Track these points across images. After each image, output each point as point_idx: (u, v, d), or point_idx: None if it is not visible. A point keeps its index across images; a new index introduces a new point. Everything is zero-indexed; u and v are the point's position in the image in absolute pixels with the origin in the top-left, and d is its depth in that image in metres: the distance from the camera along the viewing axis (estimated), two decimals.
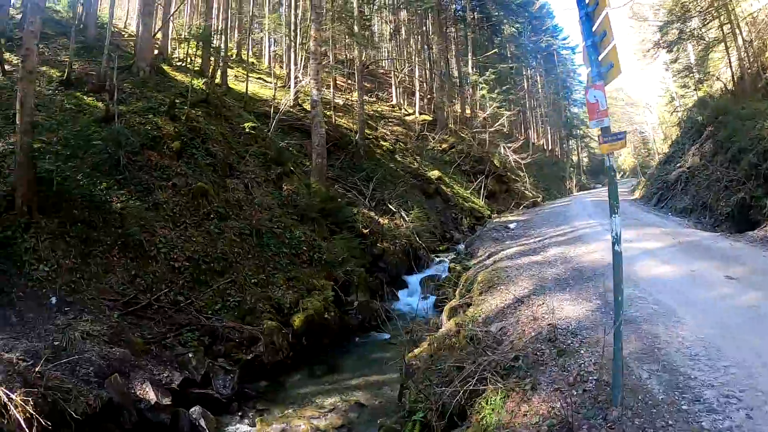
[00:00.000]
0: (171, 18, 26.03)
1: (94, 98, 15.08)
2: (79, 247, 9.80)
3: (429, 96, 43.38)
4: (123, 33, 27.43)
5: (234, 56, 33.56)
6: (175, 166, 13.16)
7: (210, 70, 21.39)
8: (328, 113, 26.95)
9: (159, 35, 23.12)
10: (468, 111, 46.27)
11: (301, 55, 29.61)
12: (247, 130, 17.73)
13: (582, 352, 5.98)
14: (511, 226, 18.25)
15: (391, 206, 21.07)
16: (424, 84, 44.44)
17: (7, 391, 5.77)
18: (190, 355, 8.74)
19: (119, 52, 18.88)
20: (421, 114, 39.26)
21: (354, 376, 9.75)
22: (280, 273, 12.51)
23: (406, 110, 40.63)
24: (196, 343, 9.30)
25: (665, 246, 11.16)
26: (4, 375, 6.13)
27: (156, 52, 21.46)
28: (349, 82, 37.74)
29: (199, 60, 22.70)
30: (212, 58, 22.06)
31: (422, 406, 6.15)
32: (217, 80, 22.60)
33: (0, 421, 5.56)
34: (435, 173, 29.04)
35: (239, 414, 8.30)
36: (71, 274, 9.28)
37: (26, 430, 5.56)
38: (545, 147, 67.58)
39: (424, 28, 44.46)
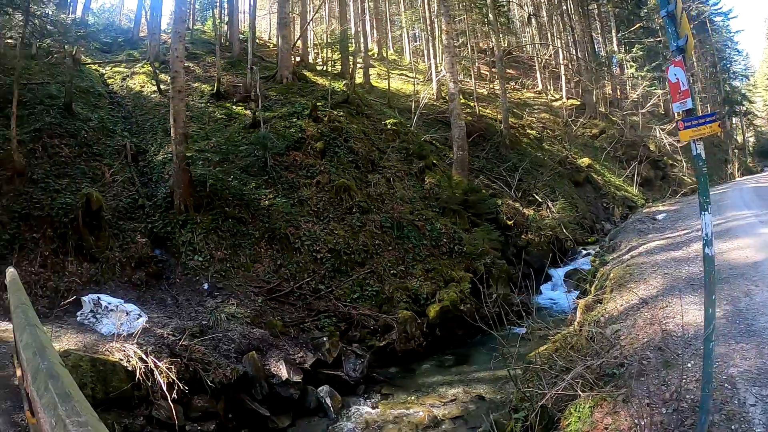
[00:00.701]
0: (309, 26, 27.49)
1: (242, 107, 16.55)
2: (229, 240, 10.88)
3: (576, 79, 40.69)
4: (268, 45, 29.56)
5: (375, 55, 34.47)
6: (319, 165, 13.90)
7: (350, 72, 22.16)
8: (471, 104, 26.63)
9: (299, 43, 24.57)
10: (618, 92, 42.78)
11: (440, 48, 29.54)
12: (388, 126, 18.09)
13: (689, 365, 5.06)
14: (659, 217, 16.34)
15: (537, 196, 20.23)
16: (570, 66, 41.87)
17: (155, 359, 6.69)
18: (325, 338, 9.20)
19: (263, 63, 20.48)
20: (568, 98, 37.00)
21: (481, 369, 9.45)
22: (419, 264, 12.59)
23: (552, 96, 38.58)
24: (332, 328, 9.74)
25: None
26: (154, 346, 7.09)
27: (297, 59, 22.82)
28: (493, 70, 36.62)
29: (339, 63, 23.71)
30: (351, 60, 22.81)
31: (525, 405, 5.90)
32: (360, 80, 23.31)
33: (145, 383, 6.41)
34: (585, 161, 27.41)
35: (364, 396, 8.55)
36: (222, 263, 10.35)
37: (167, 392, 6.40)
38: None
39: (564, 7, 41.71)
